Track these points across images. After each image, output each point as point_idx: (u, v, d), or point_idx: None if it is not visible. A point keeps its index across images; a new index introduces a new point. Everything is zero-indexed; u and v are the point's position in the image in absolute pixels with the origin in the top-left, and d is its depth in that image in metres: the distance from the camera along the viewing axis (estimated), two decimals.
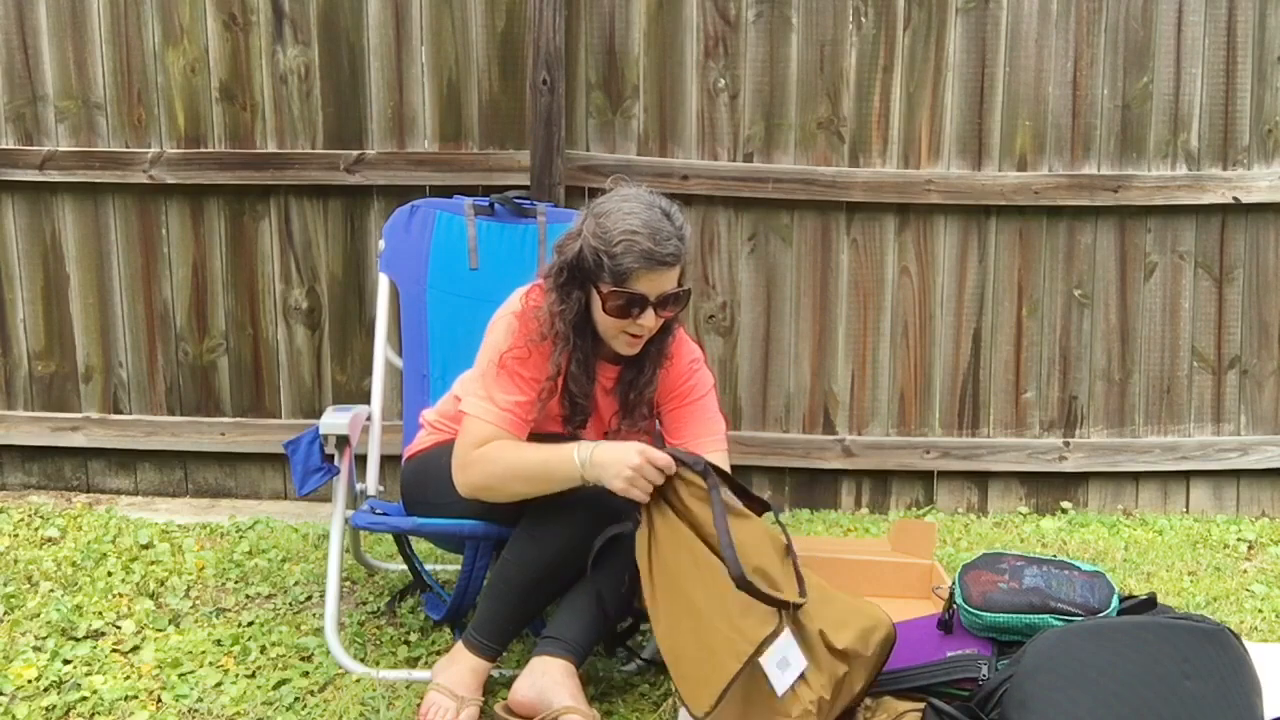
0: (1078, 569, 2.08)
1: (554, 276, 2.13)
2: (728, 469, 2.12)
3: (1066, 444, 3.39)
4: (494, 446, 2.06)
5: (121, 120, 3.28)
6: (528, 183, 3.17)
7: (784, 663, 1.85)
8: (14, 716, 2.05)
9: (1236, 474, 3.45)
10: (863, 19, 3.25)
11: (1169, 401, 3.42)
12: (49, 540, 2.97)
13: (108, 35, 3.25)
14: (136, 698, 2.14)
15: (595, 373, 2.18)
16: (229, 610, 2.56)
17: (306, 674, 2.25)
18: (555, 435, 2.15)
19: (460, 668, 2.09)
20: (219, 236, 3.33)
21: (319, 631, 2.41)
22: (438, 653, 2.34)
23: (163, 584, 2.68)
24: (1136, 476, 3.45)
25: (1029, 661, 1.85)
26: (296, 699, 2.15)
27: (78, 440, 3.39)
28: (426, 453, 2.34)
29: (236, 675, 2.23)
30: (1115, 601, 2.01)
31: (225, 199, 3.31)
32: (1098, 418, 3.42)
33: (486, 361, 2.14)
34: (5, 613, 2.49)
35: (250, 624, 2.48)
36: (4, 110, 3.28)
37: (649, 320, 2.09)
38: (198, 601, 2.60)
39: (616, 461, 1.95)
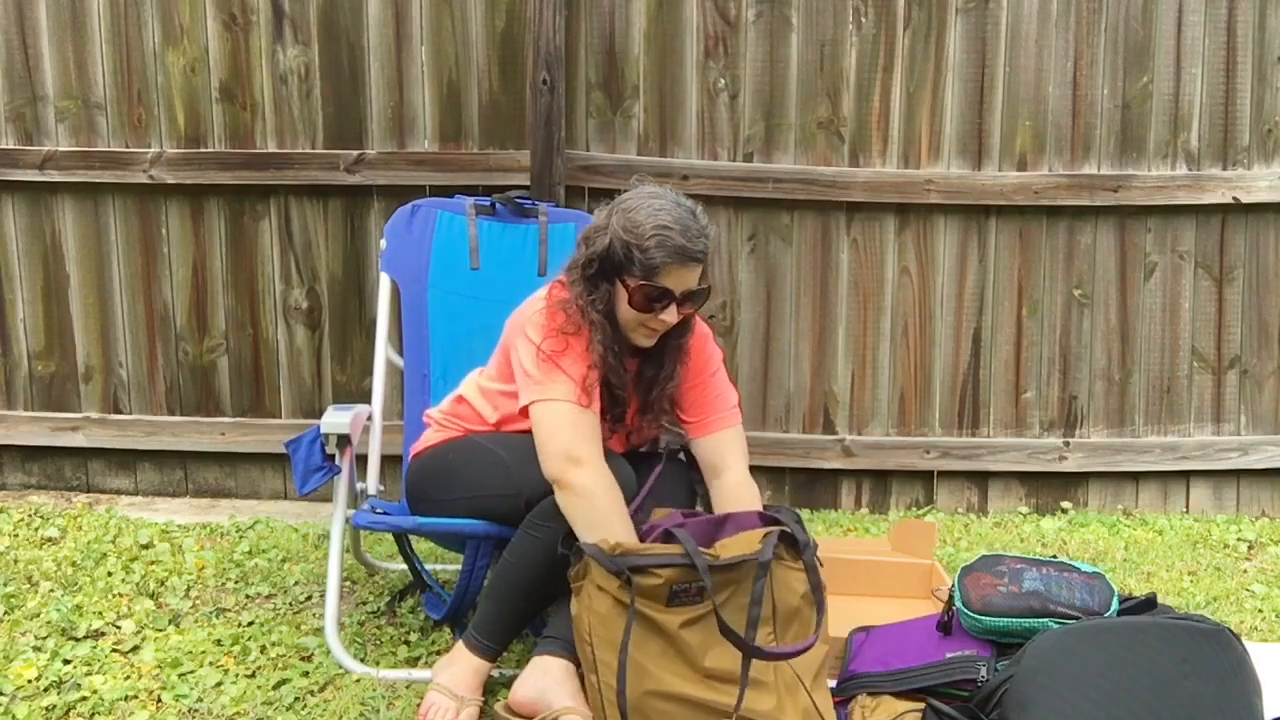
0: (1077, 570, 2.07)
1: (581, 268, 2.14)
2: (743, 439, 2.31)
3: (1066, 444, 3.39)
4: (602, 478, 2.02)
5: (121, 120, 3.28)
6: (528, 183, 3.17)
7: None
8: (14, 716, 2.05)
9: (1236, 474, 3.45)
10: (863, 19, 3.25)
11: (1169, 401, 3.42)
12: (49, 540, 2.97)
13: (108, 35, 3.25)
14: (136, 698, 2.14)
15: (626, 363, 2.20)
16: (229, 610, 2.56)
17: (306, 674, 2.24)
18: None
19: (460, 667, 2.10)
20: (219, 236, 3.33)
21: (319, 631, 2.41)
22: (438, 653, 2.34)
23: (163, 584, 2.68)
24: (1136, 476, 3.45)
25: (1028, 663, 1.85)
26: (296, 699, 2.15)
27: (78, 440, 3.39)
28: (434, 449, 2.34)
29: (236, 675, 2.24)
30: (1115, 604, 2.01)
31: (225, 199, 3.31)
32: (1098, 418, 3.42)
33: (530, 360, 2.11)
34: (5, 613, 2.49)
35: (250, 624, 2.48)
36: (4, 110, 3.28)
37: (671, 315, 2.12)
38: (198, 601, 2.60)
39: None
